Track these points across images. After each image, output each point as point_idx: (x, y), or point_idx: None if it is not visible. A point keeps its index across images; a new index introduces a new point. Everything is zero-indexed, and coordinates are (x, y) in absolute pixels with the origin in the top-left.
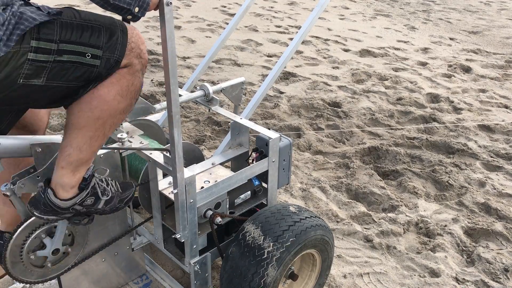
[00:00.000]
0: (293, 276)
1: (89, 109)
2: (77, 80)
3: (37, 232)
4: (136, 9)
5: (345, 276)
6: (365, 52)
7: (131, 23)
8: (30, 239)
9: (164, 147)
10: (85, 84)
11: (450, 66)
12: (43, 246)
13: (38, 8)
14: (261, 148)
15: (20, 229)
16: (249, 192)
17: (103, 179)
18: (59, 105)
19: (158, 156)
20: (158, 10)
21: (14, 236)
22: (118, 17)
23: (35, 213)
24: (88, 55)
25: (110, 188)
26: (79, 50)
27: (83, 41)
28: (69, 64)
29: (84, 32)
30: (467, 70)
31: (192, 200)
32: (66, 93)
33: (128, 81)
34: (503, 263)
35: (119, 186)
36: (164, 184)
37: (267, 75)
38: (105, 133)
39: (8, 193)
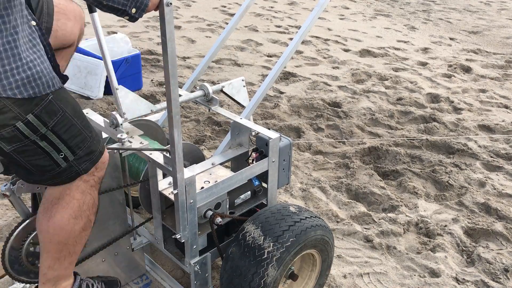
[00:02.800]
0: (293, 276)
1: (48, 237)
2: (36, 168)
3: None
4: (133, 10)
5: (345, 276)
6: (365, 52)
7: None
8: (31, 236)
9: (164, 147)
10: (41, 174)
11: (450, 66)
12: None
13: (50, 62)
14: (261, 148)
15: (19, 229)
16: (249, 192)
17: (89, 285)
18: (9, 172)
19: (158, 157)
20: (158, 10)
21: (13, 236)
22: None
23: None
24: (61, 154)
25: None
26: (58, 146)
27: (67, 143)
28: (41, 151)
29: (74, 136)
30: (467, 70)
31: (192, 201)
32: (24, 170)
33: (78, 201)
34: (503, 263)
35: (105, 286)
36: (164, 185)
37: (267, 75)
38: (70, 252)
39: (7, 193)
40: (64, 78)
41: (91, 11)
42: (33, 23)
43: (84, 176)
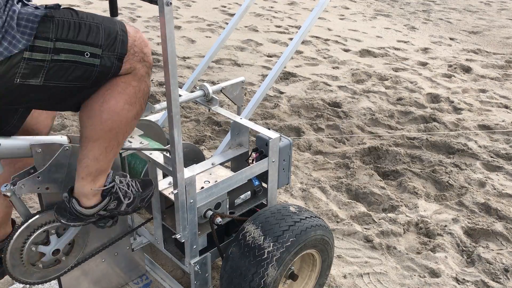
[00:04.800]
0: (293, 276)
1: (100, 123)
2: (77, 80)
3: (47, 226)
4: None
5: (345, 276)
6: (365, 52)
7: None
8: (35, 234)
9: (164, 147)
10: (87, 85)
11: (450, 66)
12: (47, 242)
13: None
14: (261, 148)
15: (20, 230)
16: (249, 192)
17: (124, 182)
18: (64, 108)
19: (158, 157)
20: (158, 10)
21: (14, 237)
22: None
23: (62, 221)
24: (87, 54)
25: (131, 190)
26: (77, 49)
27: (80, 40)
28: (67, 64)
29: (81, 30)
30: (467, 70)
31: (192, 201)
32: (68, 93)
33: (134, 88)
34: (503, 263)
35: (139, 185)
36: (164, 185)
37: (267, 75)
38: (119, 142)
39: (8, 194)
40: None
41: (113, 15)
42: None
43: (137, 65)
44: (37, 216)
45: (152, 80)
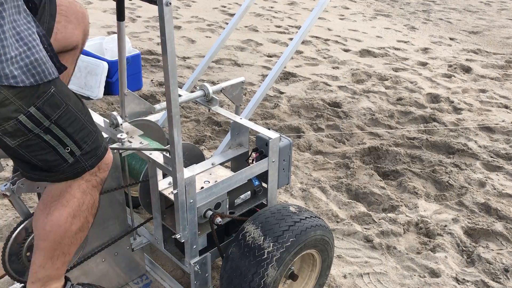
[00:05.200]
0: (293, 276)
1: (44, 234)
2: (43, 163)
3: None
4: None
5: (345, 276)
6: (365, 52)
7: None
8: (32, 236)
9: (164, 147)
10: (47, 170)
11: (450, 66)
12: None
13: (46, 47)
14: (261, 148)
15: (19, 229)
16: (249, 192)
17: None
18: (17, 165)
19: (158, 157)
20: (158, 10)
21: (13, 236)
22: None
23: None
24: (68, 149)
25: None
26: (64, 140)
27: (73, 136)
28: (46, 145)
29: (79, 130)
30: (467, 70)
31: (192, 200)
32: (27, 163)
33: (78, 201)
34: (503, 263)
35: None
36: (164, 184)
37: (267, 75)
38: (64, 251)
39: (7, 193)
40: (62, 68)
41: (120, 19)
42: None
43: (86, 175)
44: None
45: (152, 80)
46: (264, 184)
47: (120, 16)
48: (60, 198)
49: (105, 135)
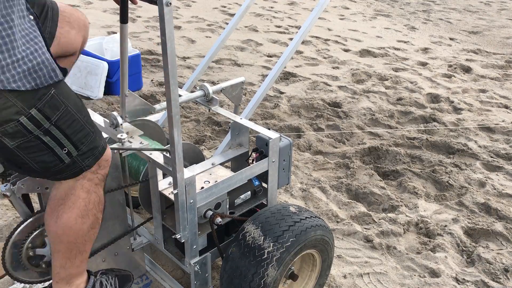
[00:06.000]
0: (293, 276)
1: (58, 237)
2: (40, 164)
3: (42, 228)
4: None
5: (345, 276)
6: (365, 52)
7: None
8: (34, 234)
9: (164, 147)
10: (41, 171)
11: (450, 66)
12: (43, 245)
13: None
14: (261, 148)
15: (19, 229)
16: (249, 192)
17: (103, 283)
18: (10, 169)
19: (158, 157)
20: (158, 10)
21: (14, 236)
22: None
23: None
24: (65, 150)
25: None
26: (62, 141)
27: (71, 137)
28: (44, 146)
29: (77, 131)
30: (467, 70)
31: (192, 201)
32: (23, 165)
33: (84, 201)
34: (503, 263)
35: (118, 282)
36: (164, 185)
37: (267, 75)
38: (80, 250)
39: (7, 193)
40: (64, 72)
41: (123, 21)
42: (31, 17)
43: (88, 174)
44: (36, 216)
45: (152, 80)
46: (264, 184)
47: (124, 18)
48: (66, 200)
49: (105, 135)
